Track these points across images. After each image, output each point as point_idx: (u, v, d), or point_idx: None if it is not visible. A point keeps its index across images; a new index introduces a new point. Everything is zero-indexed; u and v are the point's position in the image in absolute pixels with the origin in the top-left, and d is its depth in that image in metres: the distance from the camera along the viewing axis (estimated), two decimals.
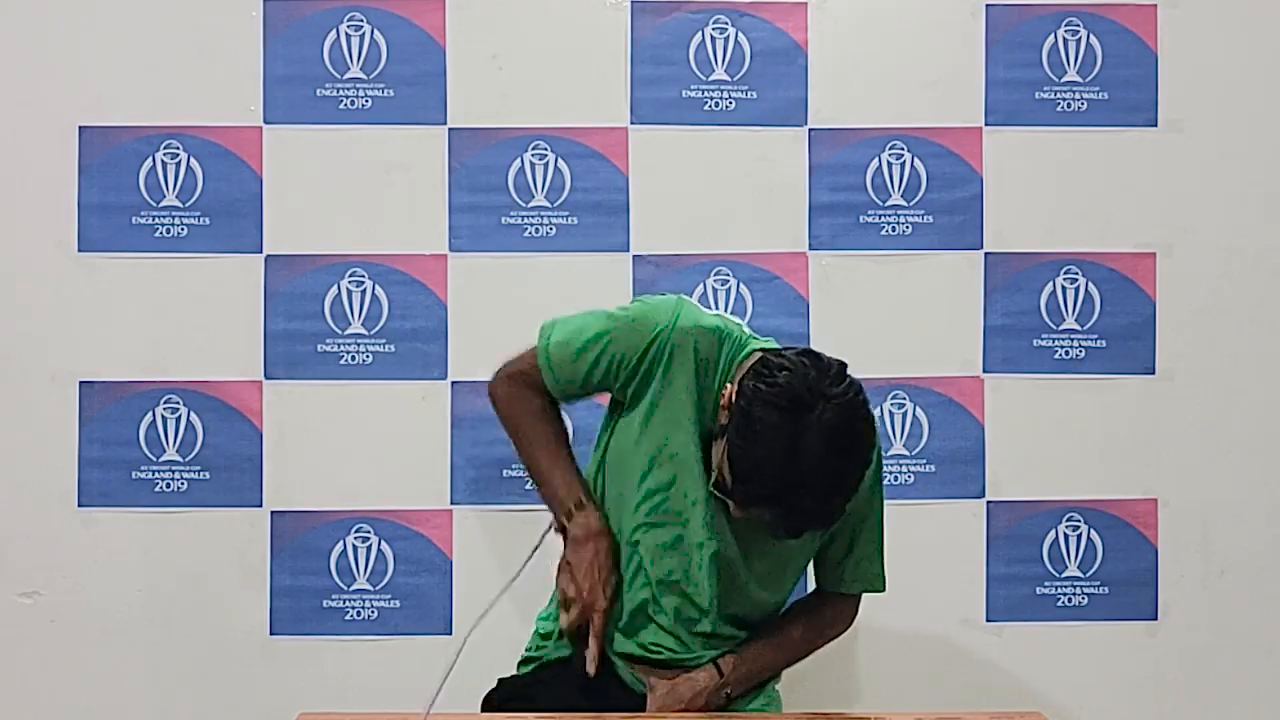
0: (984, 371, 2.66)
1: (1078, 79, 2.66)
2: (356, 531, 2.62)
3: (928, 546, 2.63)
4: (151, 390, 2.60)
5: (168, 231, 2.61)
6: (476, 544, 2.62)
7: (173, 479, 2.61)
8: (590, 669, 2.04)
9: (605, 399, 2.10)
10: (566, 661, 2.11)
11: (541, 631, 2.17)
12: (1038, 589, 2.67)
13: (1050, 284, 2.66)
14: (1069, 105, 2.66)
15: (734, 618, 2.08)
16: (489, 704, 2.12)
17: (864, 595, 2.15)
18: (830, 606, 2.16)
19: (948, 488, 2.65)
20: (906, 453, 2.64)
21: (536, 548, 2.07)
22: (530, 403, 2.11)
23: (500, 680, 2.15)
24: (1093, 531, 2.66)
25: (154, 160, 2.62)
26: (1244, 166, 2.67)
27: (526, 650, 2.19)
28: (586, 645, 2.04)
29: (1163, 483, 2.67)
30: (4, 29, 2.59)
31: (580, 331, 2.04)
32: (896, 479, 2.64)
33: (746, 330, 2.03)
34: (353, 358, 2.63)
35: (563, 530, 2.07)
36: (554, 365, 2.05)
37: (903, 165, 2.65)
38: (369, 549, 2.63)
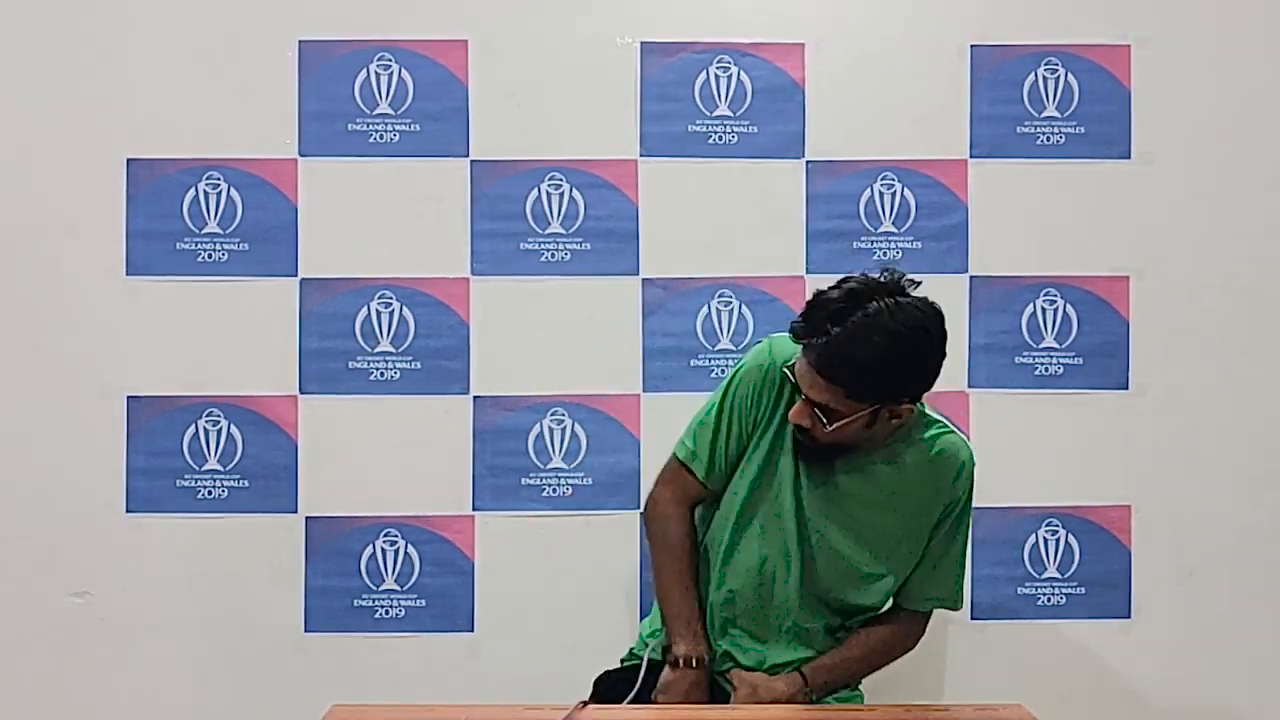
0: (969, 387, 2.72)
1: (1056, 114, 2.72)
2: (385, 536, 2.68)
3: None
4: (194, 404, 2.66)
5: (209, 257, 2.68)
6: (496, 547, 2.70)
7: (214, 487, 2.67)
8: None
9: None
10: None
11: (645, 635, 2.37)
12: (1019, 589, 2.73)
13: (1031, 305, 2.72)
14: (1048, 139, 2.72)
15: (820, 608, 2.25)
16: (600, 683, 2.31)
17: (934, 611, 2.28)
18: (903, 623, 2.30)
19: None
20: None
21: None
22: (673, 529, 2.26)
23: (608, 670, 2.33)
24: (1070, 536, 2.73)
25: (196, 190, 2.68)
26: (1211, 196, 2.73)
27: (631, 649, 2.38)
28: None
29: (1135, 490, 2.73)
30: (59, 72, 2.67)
31: (703, 414, 2.24)
32: None
33: None
34: (381, 374, 2.69)
35: (670, 661, 2.21)
36: (698, 451, 2.22)
37: (893, 195, 2.72)
38: (396, 552, 2.69)
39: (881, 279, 2.05)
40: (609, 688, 2.28)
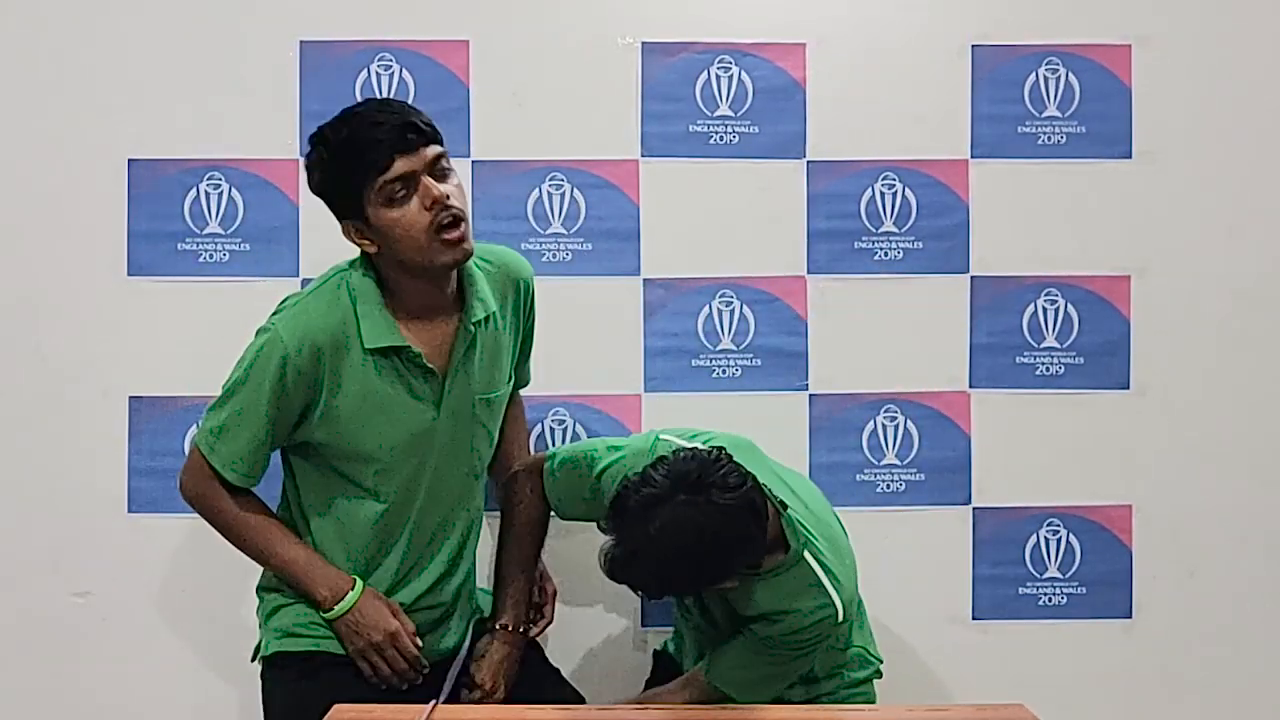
0: (970, 387, 2.73)
1: (1057, 114, 2.72)
2: None
3: (917, 550, 2.72)
4: (196, 405, 2.61)
5: (210, 257, 2.68)
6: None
7: None
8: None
9: None
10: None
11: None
12: (1020, 589, 2.74)
13: (1032, 305, 2.72)
14: (1049, 138, 2.72)
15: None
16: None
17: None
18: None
19: (936, 495, 2.72)
20: (898, 462, 2.72)
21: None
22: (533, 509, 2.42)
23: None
24: (1071, 535, 2.73)
25: (198, 190, 2.68)
26: (1212, 195, 2.73)
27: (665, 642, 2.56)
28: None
29: (1137, 490, 2.74)
30: (60, 73, 2.67)
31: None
32: (889, 487, 2.72)
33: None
34: None
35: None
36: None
37: (894, 195, 2.72)
38: None
39: (686, 468, 1.99)
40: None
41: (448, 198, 2.12)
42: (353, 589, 2.21)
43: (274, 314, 2.24)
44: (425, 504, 2.26)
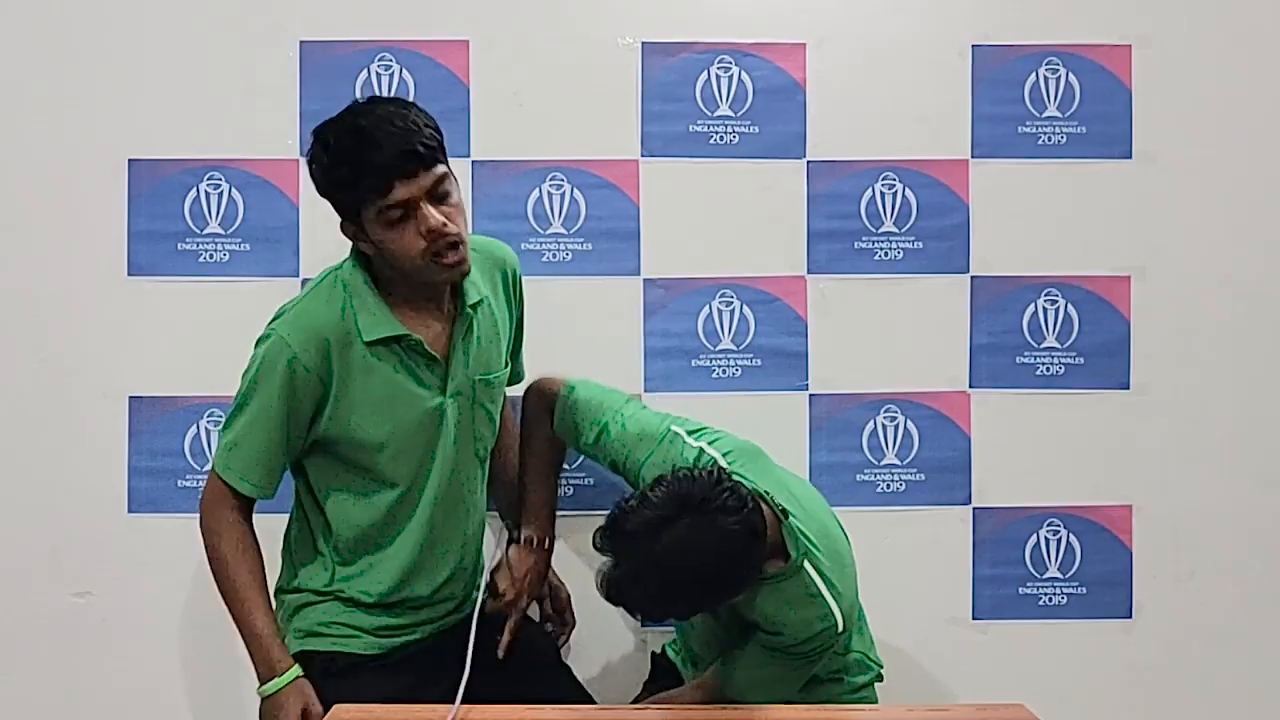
0: (970, 387, 2.73)
1: (1057, 114, 2.73)
2: None
3: (918, 550, 2.72)
4: (196, 404, 2.66)
5: (211, 257, 2.68)
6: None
7: None
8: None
9: None
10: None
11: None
12: (1020, 589, 2.74)
13: (1032, 305, 2.73)
14: (1049, 139, 2.73)
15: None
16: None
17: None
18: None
19: (937, 495, 2.72)
20: (898, 462, 2.72)
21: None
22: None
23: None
24: (1071, 536, 2.73)
25: (198, 190, 2.68)
26: (1212, 195, 2.73)
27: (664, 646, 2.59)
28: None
29: (1137, 490, 2.74)
30: (61, 72, 2.67)
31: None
32: (889, 487, 2.73)
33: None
34: None
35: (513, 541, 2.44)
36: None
37: (894, 195, 2.72)
38: None
39: (689, 489, 1.97)
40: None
41: (444, 225, 2.11)
42: (281, 676, 2.17)
43: (271, 321, 2.24)
44: (438, 488, 2.26)
